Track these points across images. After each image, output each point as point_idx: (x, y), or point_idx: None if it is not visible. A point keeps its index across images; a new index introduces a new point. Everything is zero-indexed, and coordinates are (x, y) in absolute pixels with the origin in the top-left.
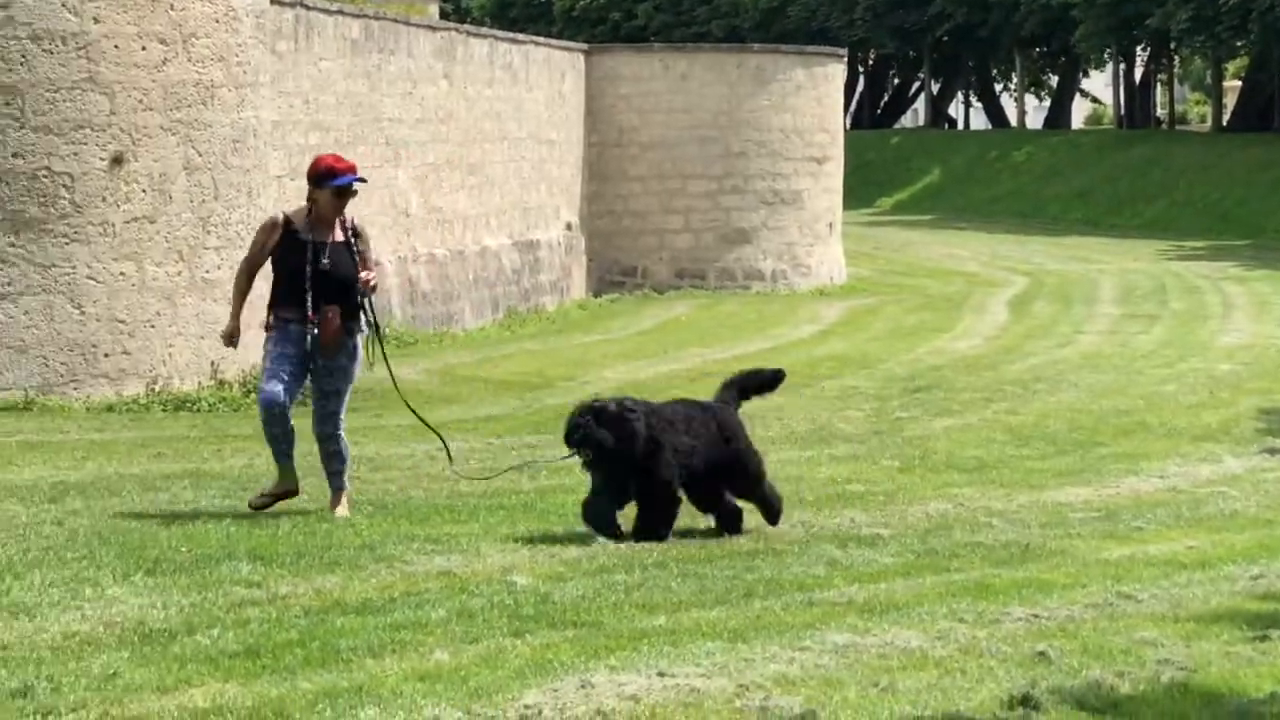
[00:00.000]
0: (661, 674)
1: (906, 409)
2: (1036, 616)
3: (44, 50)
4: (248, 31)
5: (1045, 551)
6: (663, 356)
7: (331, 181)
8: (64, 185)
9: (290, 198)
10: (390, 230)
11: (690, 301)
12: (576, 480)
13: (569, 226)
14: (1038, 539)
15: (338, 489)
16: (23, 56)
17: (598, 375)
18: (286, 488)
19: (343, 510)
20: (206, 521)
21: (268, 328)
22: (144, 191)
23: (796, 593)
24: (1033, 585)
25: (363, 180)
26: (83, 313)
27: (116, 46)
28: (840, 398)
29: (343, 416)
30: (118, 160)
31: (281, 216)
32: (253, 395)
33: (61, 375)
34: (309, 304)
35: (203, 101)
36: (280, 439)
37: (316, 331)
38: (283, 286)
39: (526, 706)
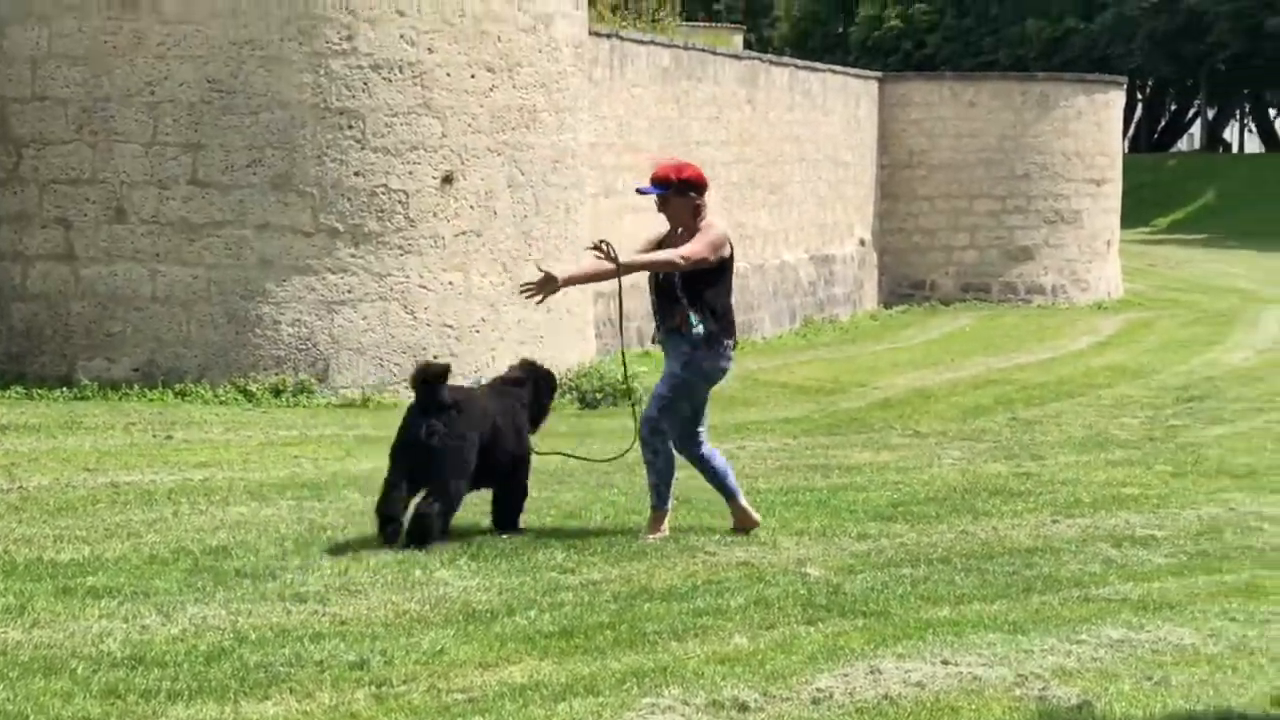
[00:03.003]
0: (945, 662)
1: (1179, 417)
2: None
3: (383, 78)
4: (567, 60)
5: None
6: (948, 365)
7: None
8: (399, 201)
9: (604, 214)
10: None
11: (974, 313)
12: (868, 479)
13: (862, 242)
14: None
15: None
16: (364, 84)
17: (888, 381)
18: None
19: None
20: (527, 512)
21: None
22: (471, 208)
23: (1073, 589)
24: None
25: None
26: (414, 318)
27: (448, 75)
28: (1116, 406)
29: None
30: (448, 179)
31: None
32: (568, 396)
33: (395, 375)
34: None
35: (526, 125)
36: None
37: None
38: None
39: (819, 690)
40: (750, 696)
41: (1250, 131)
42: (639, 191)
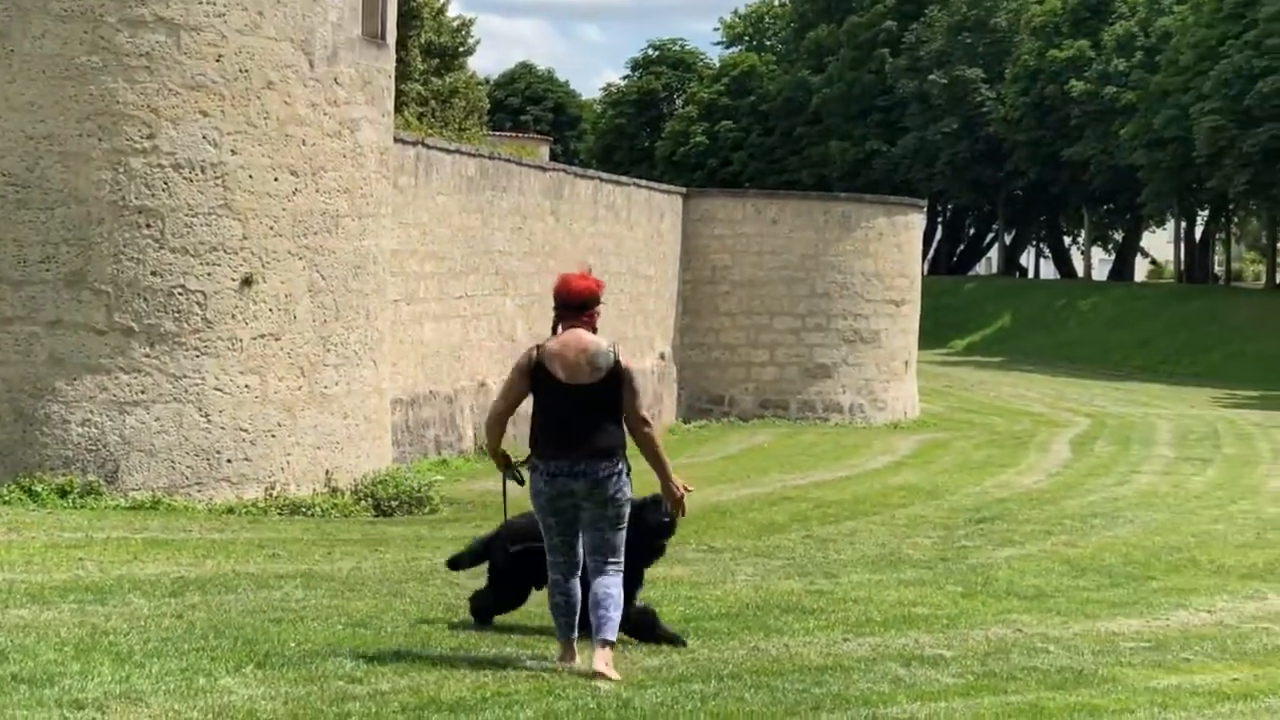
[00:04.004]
0: None
1: (971, 538)
2: None
3: (184, 178)
4: (372, 166)
5: (1097, 678)
6: (745, 480)
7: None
8: (197, 303)
9: (405, 320)
10: (496, 355)
11: (772, 430)
12: (661, 593)
13: (662, 356)
14: (1090, 666)
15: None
16: (165, 183)
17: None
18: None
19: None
20: (315, 619)
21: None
22: (270, 310)
23: (862, 708)
24: (1084, 710)
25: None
26: (209, 421)
27: (251, 176)
28: (909, 525)
29: None
30: (248, 281)
31: None
32: (362, 503)
33: (187, 478)
34: None
35: (328, 229)
36: None
37: None
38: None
39: None
40: None
41: (1045, 257)
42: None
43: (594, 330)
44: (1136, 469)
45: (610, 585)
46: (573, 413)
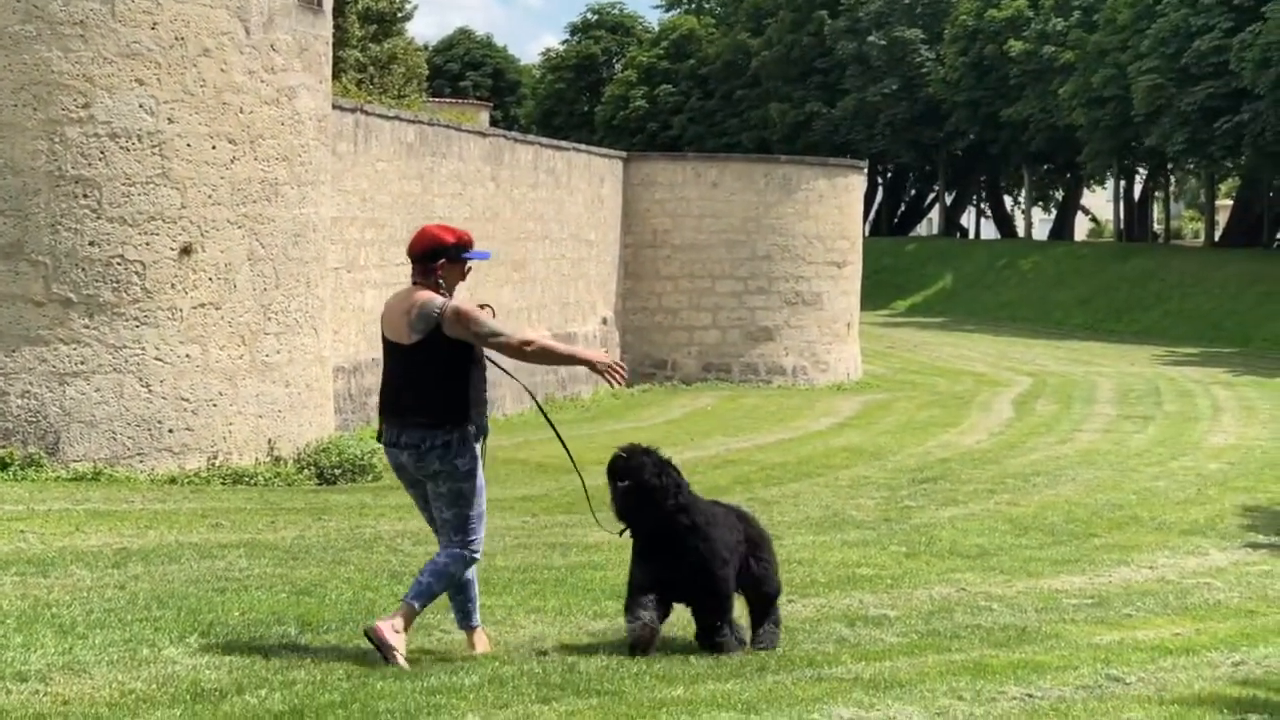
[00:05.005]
0: None
1: (914, 498)
2: (1031, 696)
3: (121, 147)
4: (310, 134)
5: (1040, 635)
6: (689, 444)
7: (466, 255)
8: (136, 272)
9: (345, 287)
10: None
11: (716, 393)
12: (605, 557)
13: (605, 321)
14: (1034, 623)
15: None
16: (101, 152)
17: None
18: None
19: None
20: (259, 588)
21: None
22: (210, 280)
23: (806, 668)
24: (1028, 666)
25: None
26: (150, 391)
27: (188, 145)
28: (853, 486)
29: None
30: (187, 250)
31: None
32: (306, 471)
33: (128, 449)
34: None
35: (267, 198)
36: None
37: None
38: (481, 383)
39: None
40: None
41: (986, 217)
42: (475, 258)
43: (446, 286)
44: (1078, 427)
45: (439, 561)
46: (399, 376)
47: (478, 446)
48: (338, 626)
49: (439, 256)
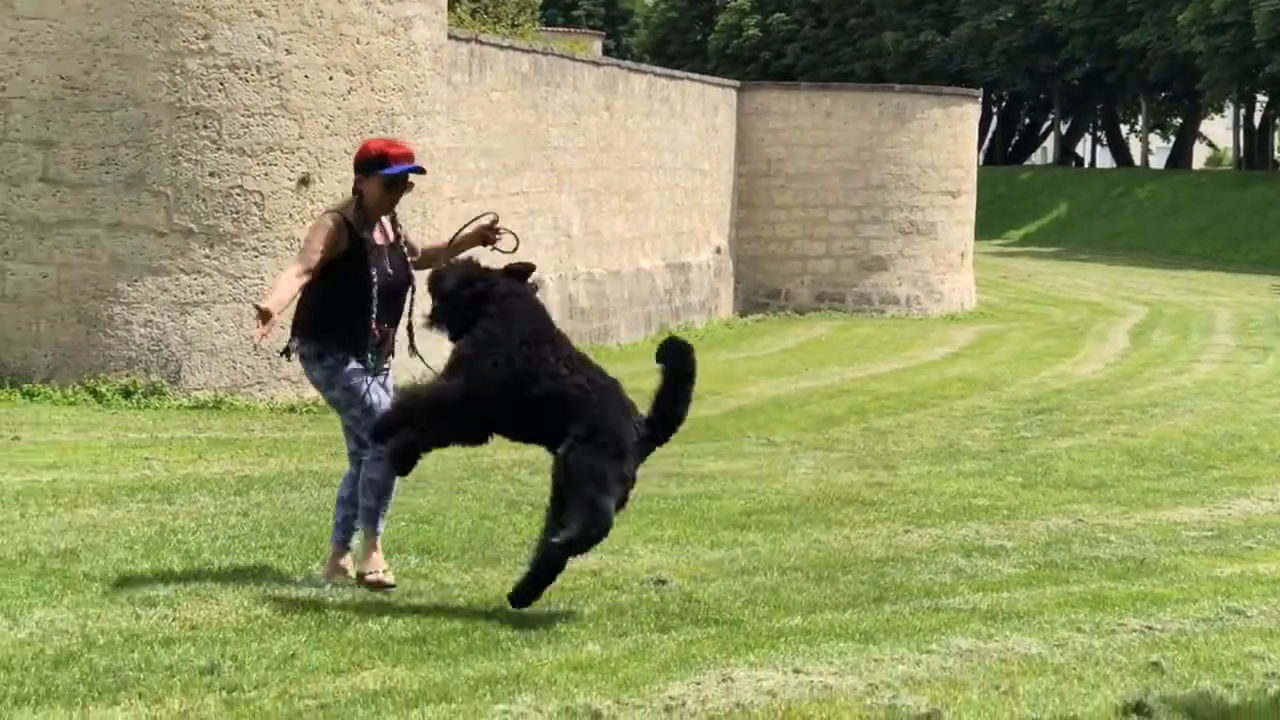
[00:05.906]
0: (797, 671)
1: (1030, 429)
2: (1150, 628)
3: (240, 78)
4: (426, 64)
5: (1160, 567)
6: (803, 374)
7: (382, 170)
8: (255, 203)
9: (460, 217)
10: (552, 250)
11: (829, 323)
12: (722, 487)
13: (718, 250)
14: (1153, 555)
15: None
16: (220, 84)
17: (742, 390)
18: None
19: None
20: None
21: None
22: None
23: (924, 599)
24: (1147, 599)
25: (420, 171)
26: None
27: (306, 76)
28: (968, 416)
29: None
30: (305, 181)
31: (340, 215)
32: None
33: (248, 377)
34: (373, 319)
35: (383, 128)
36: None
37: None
38: (343, 301)
39: (671, 698)
40: (603, 704)
41: (1102, 145)
42: (417, 172)
43: (368, 203)
44: (1196, 358)
45: (364, 478)
46: None
47: (333, 361)
48: (457, 554)
49: (356, 170)
